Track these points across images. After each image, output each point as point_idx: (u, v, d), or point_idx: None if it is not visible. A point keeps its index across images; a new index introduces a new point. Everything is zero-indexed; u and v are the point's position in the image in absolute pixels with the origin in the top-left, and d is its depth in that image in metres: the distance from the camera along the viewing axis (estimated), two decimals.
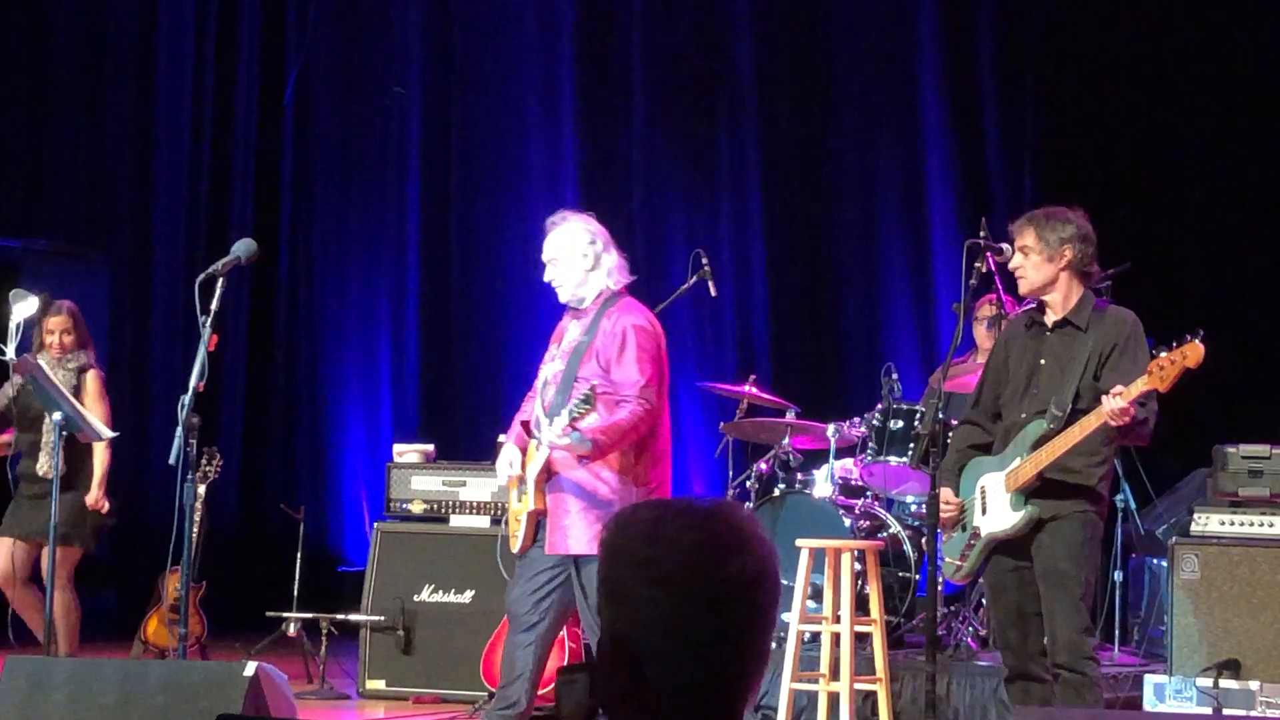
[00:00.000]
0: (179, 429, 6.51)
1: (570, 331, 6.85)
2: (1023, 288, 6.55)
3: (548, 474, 6.64)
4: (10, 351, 8.62)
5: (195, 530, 7.43)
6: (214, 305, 6.54)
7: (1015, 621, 6.48)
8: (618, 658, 2.36)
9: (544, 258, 6.91)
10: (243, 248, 6.77)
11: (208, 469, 9.51)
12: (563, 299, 6.90)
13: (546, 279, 6.89)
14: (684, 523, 2.35)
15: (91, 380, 8.88)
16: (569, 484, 6.62)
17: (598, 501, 6.58)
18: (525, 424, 6.83)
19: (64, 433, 8.02)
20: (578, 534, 6.56)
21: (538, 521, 6.68)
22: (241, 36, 13.46)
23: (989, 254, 6.73)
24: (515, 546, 6.78)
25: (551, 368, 6.83)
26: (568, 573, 6.62)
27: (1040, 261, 6.43)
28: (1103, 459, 6.38)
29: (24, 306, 8.74)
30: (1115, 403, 6.05)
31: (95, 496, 8.88)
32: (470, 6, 13.24)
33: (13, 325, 8.74)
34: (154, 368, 12.79)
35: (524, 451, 6.80)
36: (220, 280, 6.60)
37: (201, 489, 8.88)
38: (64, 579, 8.83)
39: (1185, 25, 11.11)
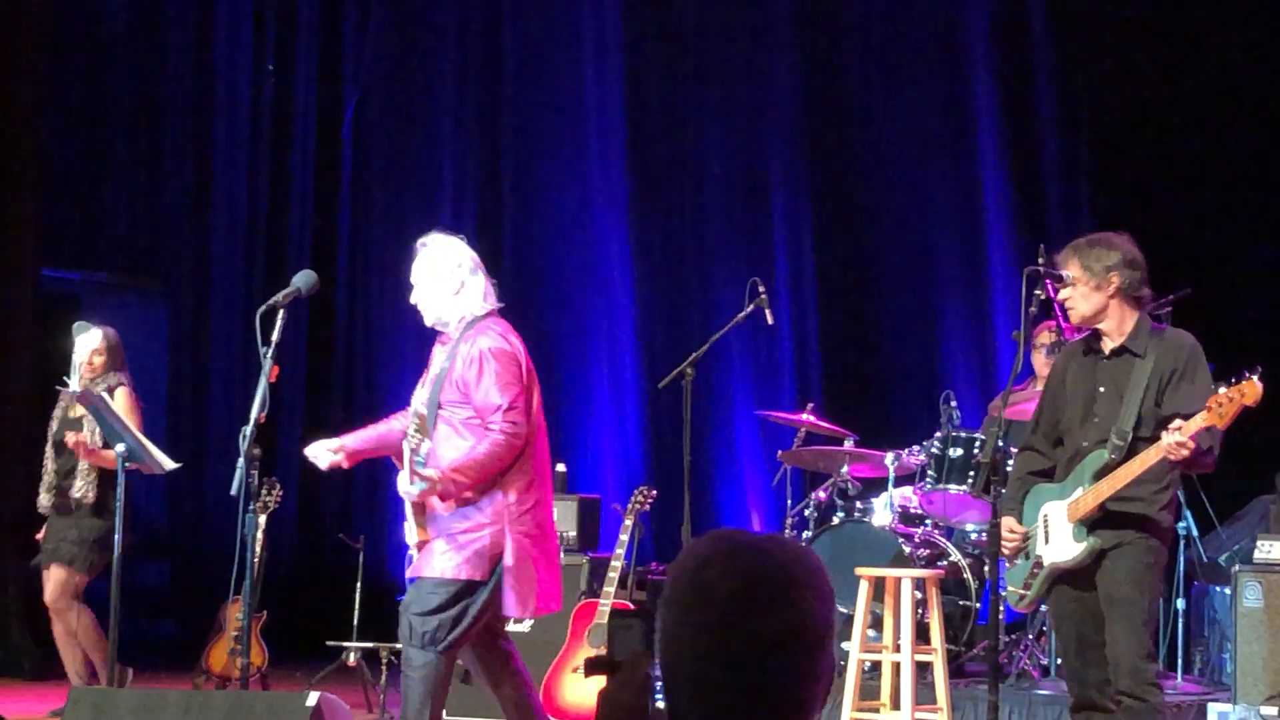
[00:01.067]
0: (241, 460, 6.48)
1: (436, 358, 6.76)
2: (1073, 319, 6.50)
3: (422, 506, 6.53)
4: (74, 383, 8.69)
5: (256, 560, 7.45)
6: (275, 337, 6.53)
7: (1079, 650, 6.45)
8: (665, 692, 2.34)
9: (412, 280, 6.76)
10: (303, 279, 6.77)
11: (268, 499, 9.53)
12: (426, 322, 6.78)
13: (412, 301, 6.75)
14: (726, 568, 2.31)
15: (121, 396, 8.84)
16: (440, 519, 6.53)
17: (468, 529, 6.48)
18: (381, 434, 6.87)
19: (127, 464, 8.06)
20: (439, 561, 6.46)
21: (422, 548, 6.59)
22: (298, 69, 13.54)
23: (1048, 281, 6.70)
24: (410, 574, 6.70)
25: (419, 396, 6.74)
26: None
27: (1088, 291, 6.39)
28: (1165, 487, 6.34)
29: (87, 339, 8.81)
30: (1174, 437, 6.02)
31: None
32: (523, 39, 13.29)
33: (76, 358, 8.82)
34: (212, 398, 12.86)
35: (355, 451, 6.83)
36: (281, 312, 6.59)
37: (262, 519, 8.90)
38: (69, 600, 8.83)
39: (1243, 53, 11.08)
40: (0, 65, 11.83)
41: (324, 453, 6.76)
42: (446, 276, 6.73)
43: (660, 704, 2.54)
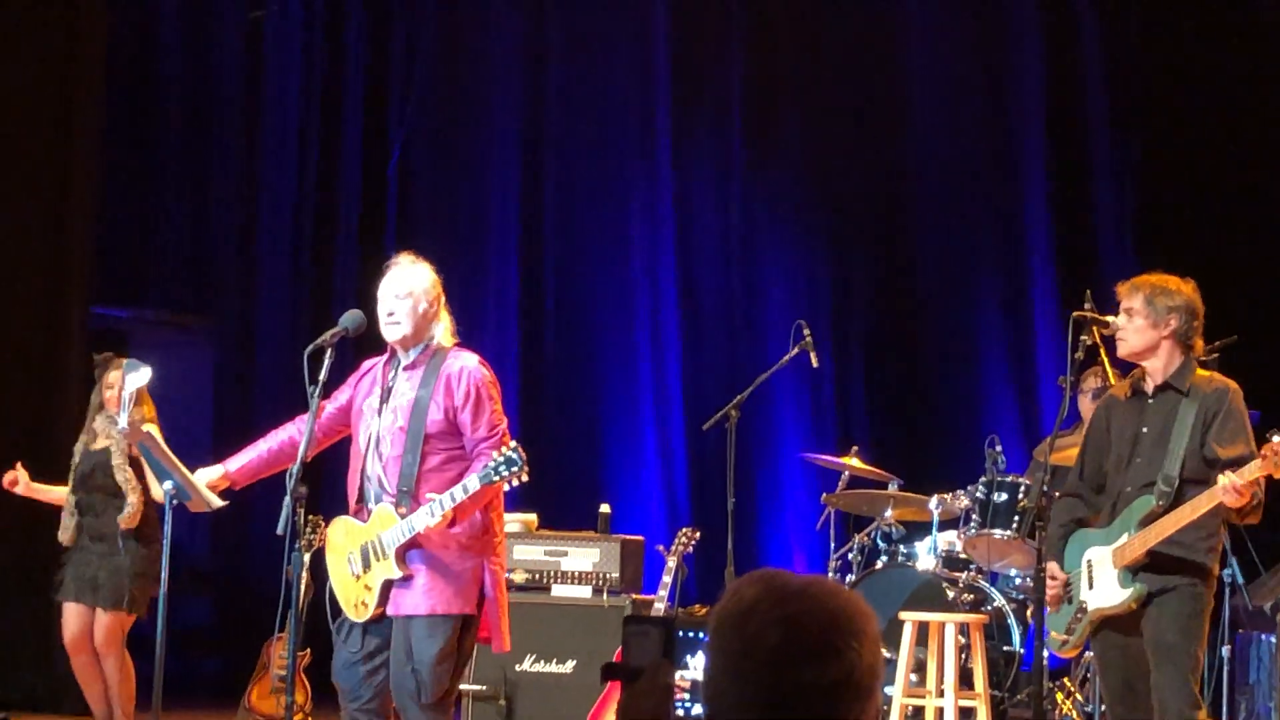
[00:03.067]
0: (287, 499, 6.48)
1: (399, 387, 6.57)
2: (1121, 350, 6.54)
3: (411, 545, 6.39)
4: (123, 421, 8.73)
5: (301, 598, 7.48)
6: (322, 376, 6.54)
7: (1124, 697, 6.45)
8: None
9: (389, 292, 6.58)
10: (350, 319, 6.77)
11: (313, 538, 9.55)
12: (394, 337, 6.56)
13: (386, 311, 6.56)
14: (773, 618, 2.30)
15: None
16: (425, 550, 6.40)
17: (454, 559, 6.40)
18: (278, 448, 6.88)
19: (174, 501, 8.10)
20: (430, 597, 6.36)
21: (390, 588, 6.45)
22: (346, 109, 13.61)
23: (1095, 327, 6.71)
24: (363, 615, 6.53)
25: (380, 425, 6.56)
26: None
27: (1144, 326, 6.42)
28: (1212, 533, 6.35)
29: (136, 377, 8.84)
30: (1230, 479, 6.03)
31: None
32: (567, 79, 13.35)
33: (126, 395, 8.86)
34: (257, 436, 12.89)
35: (248, 474, 6.89)
36: (328, 351, 6.60)
37: (307, 558, 8.92)
38: (120, 644, 8.88)
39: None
40: (59, 108, 11.95)
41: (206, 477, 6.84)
42: (429, 300, 6.61)
43: (680, 712, 2.54)
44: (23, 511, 11.55)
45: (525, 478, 6.29)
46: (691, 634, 7.79)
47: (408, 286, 6.60)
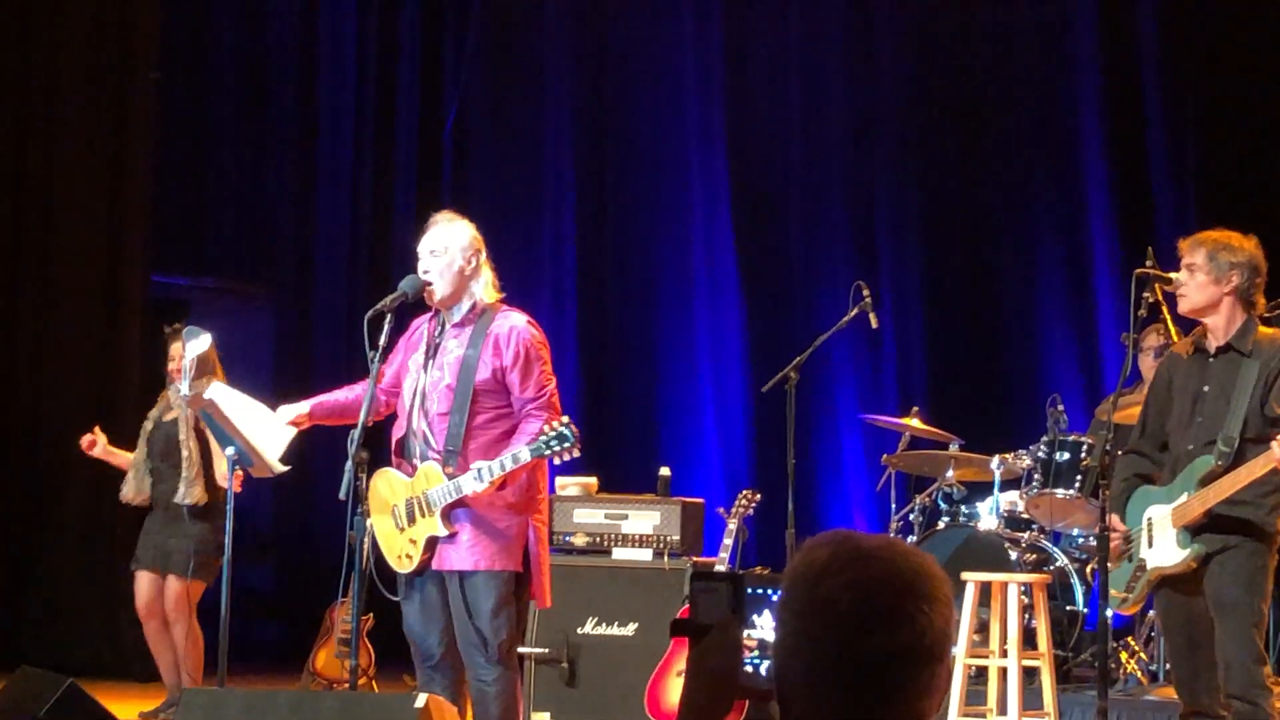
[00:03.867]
0: (349, 464, 6.52)
1: (448, 345, 6.57)
2: (1182, 306, 6.53)
3: (458, 504, 6.42)
4: (185, 388, 8.81)
5: (364, 564, 7.54)
6: (382, 341, 6.52)
7: (1187, 655, 6.45)
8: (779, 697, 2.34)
9: (425, 249, 6.55)
10: (409, 284, 6.76)
11: None
12: (435, 297, 6.54)
13: (422, 270, 6.54)
14: (845, 580, 2.28)
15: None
16: (473, 509, 6.42)
17: (501, 515, 6.42)
18: (343, 403, 6.87)
19: (236, 466, 8.16)
20: (482, 552, 6.39)
21: (434, 544, 6.50)
22: (400, 77, 13.64)
23: (1157, 284, 6.70)
24: (406, 567, 6.61)
25: (427, 380, 6.57)
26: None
27: (1206, 282, 6.40)
28: (1272, 491, 6.33)
29: (197, 344, 8.90)
30: None
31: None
32: (624, 42, 13.34)
33: (186, 362, 8.93)
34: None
35: (312, 417, 6.92)
36: (388, 316, 6.62)
37: (369, 522, 8.99)
38: (190, 611, 8.98)
39: None
40: (116, 80, 12.02)
41: (288, 414, 6.90)
42: (467, 257, 6.58)
43: (750, 668, 2.55)
44: (89, 487, 11.70)
45: (577, 453, 6.30)
46: (760, 591, 7.79)
47: (443, 243, 6.58)
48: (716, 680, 2.55)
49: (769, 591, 7.89)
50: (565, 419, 6.33)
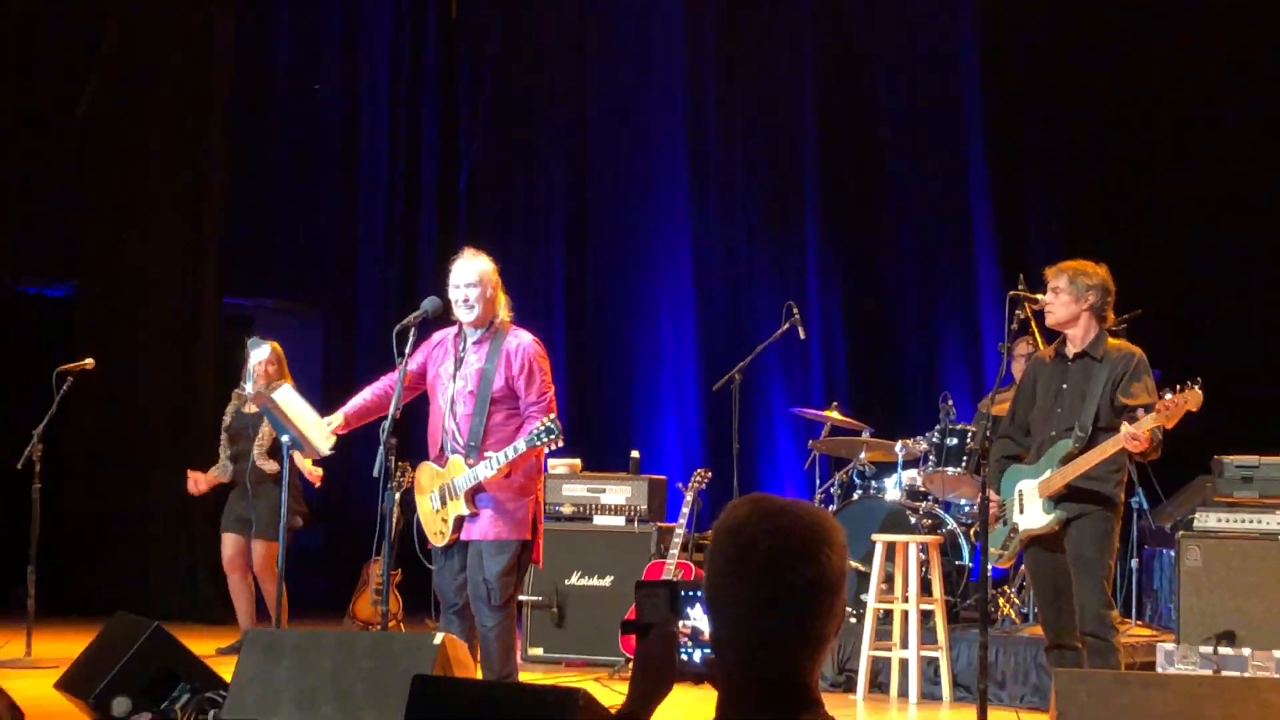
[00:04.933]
0: (380, 448, 6.56)
1: (469, 358, 6.61)
2: (1049, 320, 6.60)
3: (478, 488, 6.48)
4: (249, 387, 8.79)
5: (393, 528, 7.52)
6: (408, 349, 6.58)
7: (1052, 600, 6.47)
8: (711, 629, 2.36)
9: (464, 281, 6.58)
10: (429, 304, 6.77)
11: (401, 480, 9.60)
12: (469, 319, 6.58)
13: (461, 298, 6.56)
14: (764, 528, 2.29)
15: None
16: (489, 493, 6.50)
17: (514, 497, 6.50)
18: (372, 402, 6.84)
19: (290, 450, 8.14)
20: (498, 526, 6.48)
21: (461, 521, 6.55)
22: (424, 138, 13.62)
23: (1027, 304, 6.72)
24: (440, 542, 6.64)
25: (457, 388, 6.59)
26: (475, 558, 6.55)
27: (1068, 301, 6.45)
28: (1118, 468, 6.37)
29: (259, 351, 8.91)
30: (1132, 430, 6.06)
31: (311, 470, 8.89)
32: (606, 112, 13.32)
33: (250, 367, 8.93)
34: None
35: (350, 422, 6.88)
36: (412, 330, 6.62)
37: (397, 495, 8.98)
38: (274, 566, 8.95)
39: (1189, 126, 11.10)
40: (195, 139, 12.00)
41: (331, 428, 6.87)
42: (491, 287, 6.63)
43: (684, 657, 2.55)
44: (172, 467, 11.66)
45: (561, 443, 6.38)
46: (690, 593, 7.81)
47: (477, 275, 6.62)
48: (658, 667, 2.55)
49: (696, 592, 7.90)
50: (552, 415, 6.41)
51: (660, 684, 2.59)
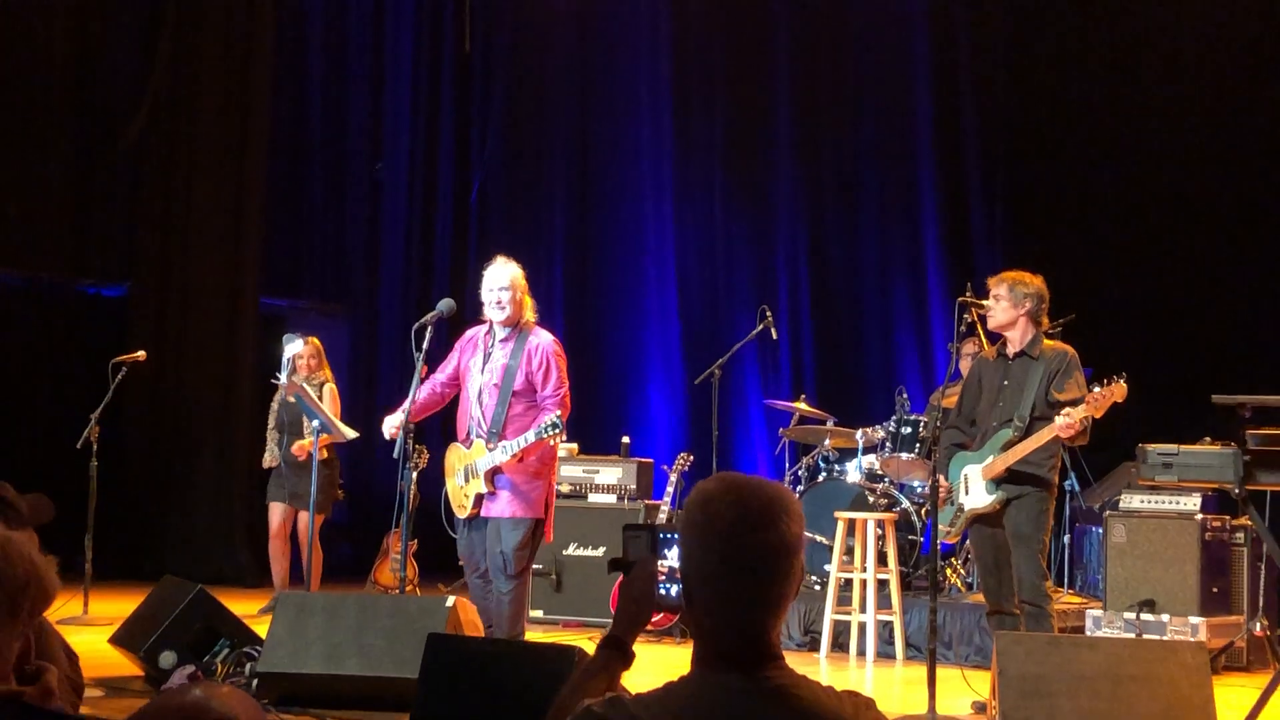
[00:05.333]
0: (400, 433, 6.56)
1: (495, 354, 6.63)
2: (991, 324, 6.60)
3: (496, 469, 6.52)
4: (284, 377, 8.78)
5: (410, 504, 7.51)
6: (425, 345, 6.58)
7: (992, 571, 6.47)
8: (683, 590, 2.36)
9: (497, 285, 6.60)
10: (444, 305, 6.80)
11: (419, 461, 9.59)
12: (500, 319, 6.61)
13: (494, 301, 6.59)
14: (729, 500, 2.29)
15: (328, 392, 8.97)
16: (505, 476, 6.53)
17: (531, 479, 6.53)
18: (425, 402, 6.76)
19: (320, 433, 8.14)
20: (515, 504, 6.51)
21: (481, 498, 6.58)
22: (440, 157, 13.61)
23: (973, 308, 6.73)
24: (463, 514, 6.65)
25: (484, 380, 6.60)
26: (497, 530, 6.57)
27: (1007, 307, 6.46)
28: (1052, 454, 6.38)
29: (293, 345, 8.91)
30: (1064, 420, 6.08)
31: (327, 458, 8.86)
32: (600, 131, 13.32)
33: (285, 359, 8.91)
34: (380, 391, 12.92)
35: (411, 420, 6.69)
36: (429, 328, 6.64)
37: (414, 475, 8.98)
38: (315, 536, 8.96)
39: (1115, 137, 11.10)
40: (238, 156, 11.98)
41: (389, 426, 6.77)
42: (521, 290, 6.67)
43: (663, 591, 2.58)
44: (216, 447, 11.66)
45: (563, 438, 6.59)
46: (670, 535, 7.82)
47: (509, 279, 6.67)
48: (639, 598, 2.57)
49: (674, 535, 7.91)
50: (558, 413, 6.47)
51: (641, 613, 2.61)
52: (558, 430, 6.41)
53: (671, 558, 2.40)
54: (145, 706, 1.75)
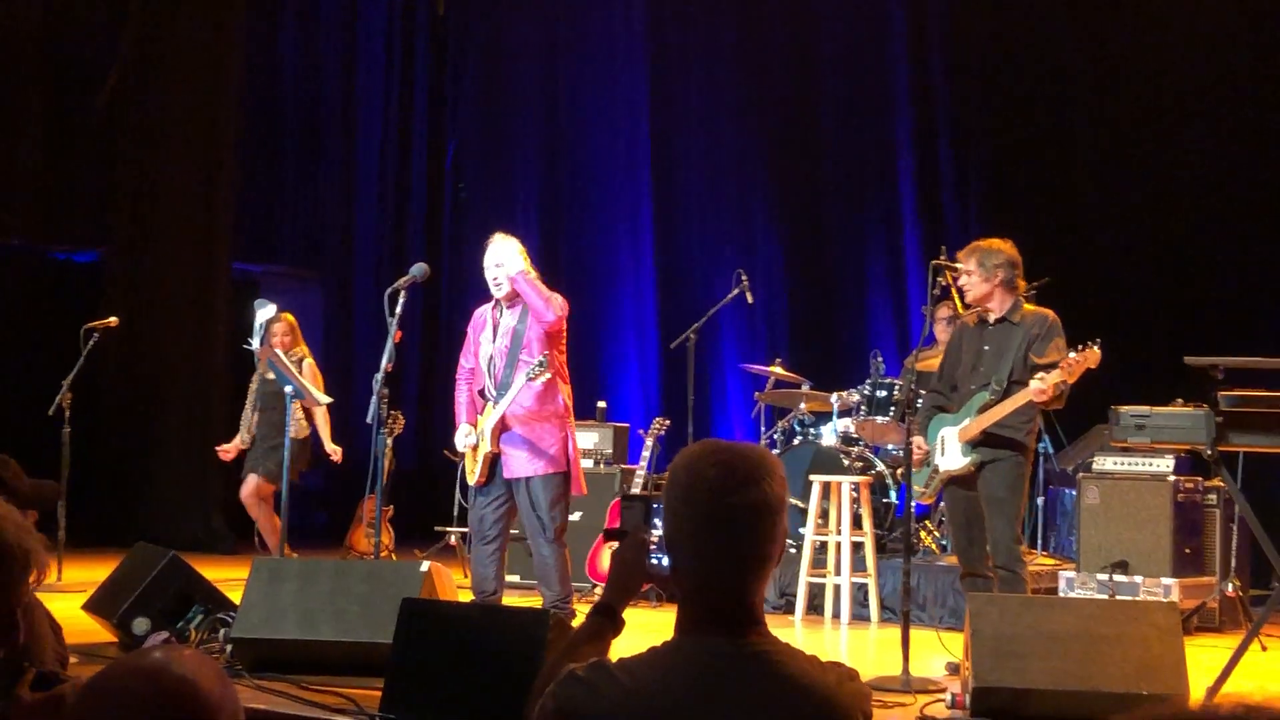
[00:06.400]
0: (374, 398, 6.54)
1: (504, 320, 6.68)
2: (967, 298, 6.57)
3: (503, 427, 6.54)
4: (256, 343, 8.72)
5: (385, 469, 7.49)
6: (398, 310, 6.54)
7: (966, 533, 6.47)
8: (669, 553, 2.36)
9: (492, 263, 6.64)
10: (418, 269, 6.76)
11: (393, 426, 9.57)
12: (499, 295, 6.67)
13: (493, 279, 6.63)
14: (712, 460, 2.30)
15: (307, 367, 8.91)
16: (518, 433, 6.54)
17: (550, 429, 6.56)
18: (470, 399, 6.77)
19: (294, 399, 8.09)
20: (539, 461, 6.51)
21: (492, 461, 6.59)
22: (414, 123, 13.55)
23: (947, 270, 6.71)
24: (473, 480, 6.68)
25: (495, 347, 6.67)
26: (510, 496, 6.58)
27: (979, 280, 6.43)
28: (1029, 418, 6.37)
29: (264, 311, 8.85)
30: (1039, 385, 6.08)
31: (331, 449, 8.92)
32: (573, 100, 13.27)
33: (257, 324, 8.86)
34: (355, 356, 12.90)
35: (473, 424, 6.71)
36: (402, 293, 6.60)
37: (389, 440, 8.94)
38: (271, 504, 8.90)
39: (1088, 113, 11.09)
40: (209, 115, 11.89)
41: (463, 439, 6.77)
42: (520, 263, 6.67)
43: (654, 561, 2.59)
44: (188, 414, 11.61)
45: (547, 374, 6.44)
46: (660, 506, 7.83)
47: (503, 258, 6.67)
48: (632, 567, 2.59)
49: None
50: (544, 355, 6.48)
51: (632, 581, 2.62)
52: (543, 367, 6.41)
53: (662, 527, 2.42)
54: (105, 669, 1.72)
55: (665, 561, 2.43)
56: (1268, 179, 10.54)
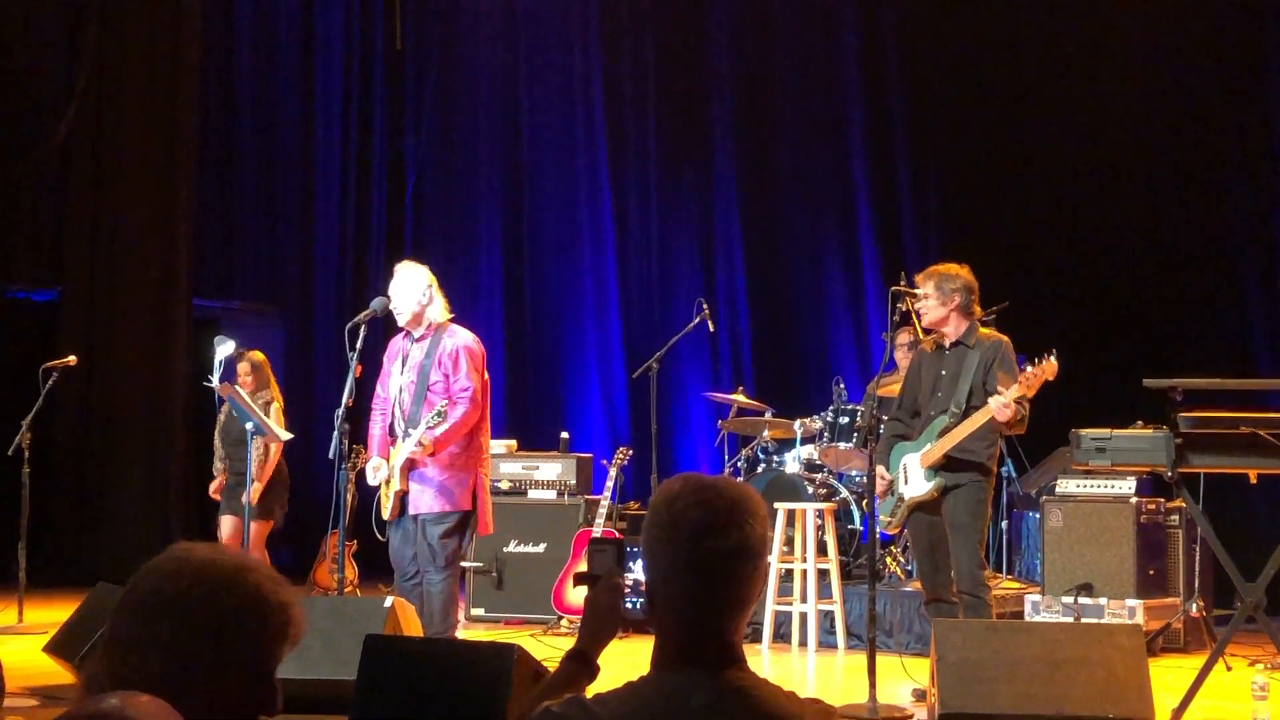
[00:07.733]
0: (335, 433, 6.52)
1: (413, 353, 6.69)
2: (924, 322, 6.63)
3: (411, 465, 6.56)
4: (215, 379, 8.66)
5: (349, 504, 7.44)
6: (359, 344, 6.57)
7: (930, 560, 6.49)
8: (646, 591, 2.34)
9: (392, 290, 6.68)
10: (378, 303, 6.77)
11: (355, 461, 9.52)
12: (401, 322, 6.70)
13: (394, 308, 6.66)
14: (693, 500, 2.27)
15: (274, 411, 8.84)
16: (425, 472, 6.56)
17: (456, 471, 6.56)
18: (383, 432, 6.78)
19: (254, 435, 8.04)
20: (441, 497, 6.54)
21: (402, 497, 6.60)
22: (374, 156, 13.53)
23: (907, 296, 6.74)
24: (386, 514, 6.69)
25: (403, 380, 6.68)
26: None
27: (937, 304, 6.48)
28: (991, 442, 6.40)
29: (224, 347, 8.78)
30: (998, 400, 6.10)
31: (256, 490, 8.62)
32: (535, 134, 13.27)
33: (216, 360, 8.79)
34: (317, 391, 12.82)
35: (386, 458, 6.71)
36: (363, 327, 6.62)
37: (351, 475, 8.90)
38: (262, 545, 8.86)
39: (1044, 139, 11.17)
40: (165, 145, 11.85)
41: (373, 472, 6.77)
42: (421, 293, 6.67)
43: (628, 605, 2.57)
44: (148, 453, 11.51)
45: (444, 425, 6.48)
46: (634, 549, 7.80)
47: (405, 286, 6.70)
48: (606, 613, 2.56)
49: (639, 549, 7.90)
50: (444, 403, 6.50)
51: (607, 627, 2.60)
52: (441, 418, 6.45)
53: (636, 571, 2.40)
54: (60, 716, 1.70)
55: (640, 606, 2.40)
56: (1221, 201, 10.66)
